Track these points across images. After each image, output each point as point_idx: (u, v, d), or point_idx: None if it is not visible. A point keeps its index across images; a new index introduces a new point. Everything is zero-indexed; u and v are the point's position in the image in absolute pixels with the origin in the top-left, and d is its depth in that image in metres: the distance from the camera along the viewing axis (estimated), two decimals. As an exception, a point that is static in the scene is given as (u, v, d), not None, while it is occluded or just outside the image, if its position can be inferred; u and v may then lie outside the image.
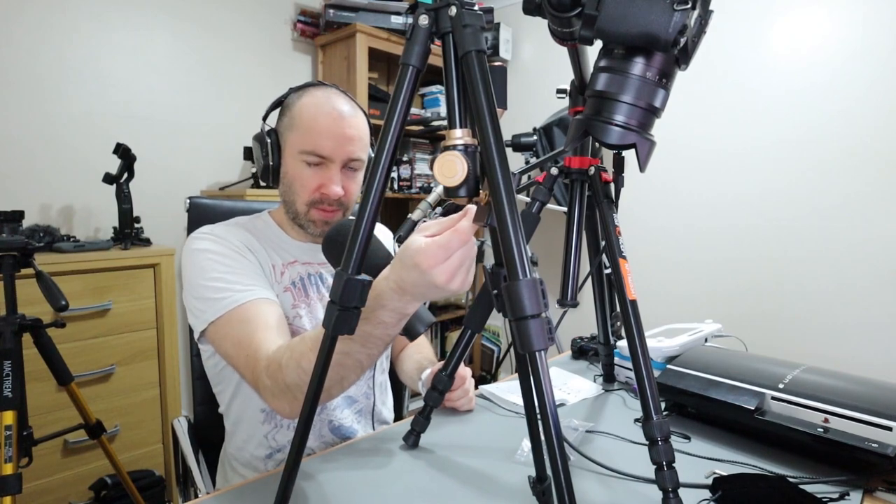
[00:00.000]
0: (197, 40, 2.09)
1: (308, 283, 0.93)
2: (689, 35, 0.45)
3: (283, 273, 0.91)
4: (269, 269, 0.90)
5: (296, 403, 0.70)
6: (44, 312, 1.21)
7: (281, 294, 0.89)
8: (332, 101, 0.88)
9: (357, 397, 0.97)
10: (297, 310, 0.89)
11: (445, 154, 0.50)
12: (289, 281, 0.91)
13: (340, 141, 0.86)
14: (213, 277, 0.82)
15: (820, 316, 1.89)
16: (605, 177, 0.78)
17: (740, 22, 2.01)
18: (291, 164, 0.89)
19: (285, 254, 0.94)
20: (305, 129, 0.87)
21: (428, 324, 0.65)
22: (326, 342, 0.53)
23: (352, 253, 0.52)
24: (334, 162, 0.87)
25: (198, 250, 0.86)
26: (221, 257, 0.85)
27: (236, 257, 0.86)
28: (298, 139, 0.87)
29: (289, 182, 0.90)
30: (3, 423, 1.07)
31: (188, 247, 0.87)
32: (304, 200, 0.89)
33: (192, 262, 0.85)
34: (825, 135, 1.85)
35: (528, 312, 0.45)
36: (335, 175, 0.87)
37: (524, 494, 0.69)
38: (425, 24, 0.51)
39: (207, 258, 0.84)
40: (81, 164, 1.82)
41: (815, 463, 0.77)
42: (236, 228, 0.92)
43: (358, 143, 0.88)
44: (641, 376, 0.66)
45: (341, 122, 0.86)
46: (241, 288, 0.81)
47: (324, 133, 0.86)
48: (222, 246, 0.86)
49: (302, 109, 0.88)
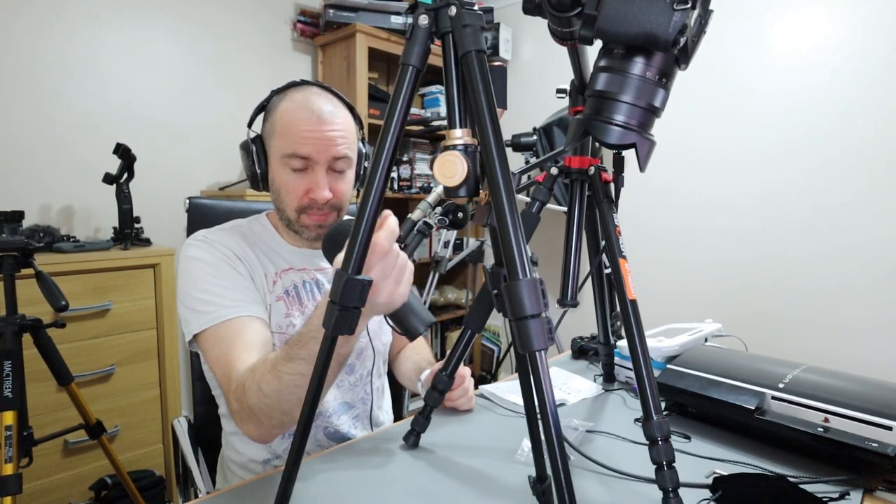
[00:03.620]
0: (197, 40, 2.09)
1: (302, 289, 0.92)
2: (689, 35, 0.45)
3: (275, 282, 0.90)
4: (261, 279, 0.89)
5: (261, 427, 0.71)
6: (44, 313, 1.21)
7: (273, 303, 0.88)
8: (311, 101, 0.85)
9: (354, 402, 0.96)
10: (290, 318, 0.88)
11: (445, 154, 0.50)
12: (281, 290, 0.90)
13: (322, 142, 0.84)
14: (201, 289, 0.82)
15: (820, 316, 1.89)
16: (605, 177, 0.78)
17: (740, 22, 2.01)
18: (277, 170, 0.87)
19: (280, 260, 0.92)
20: (285, 134, 0.85)
21: (427, 324, 0.65)
22: (326, 342, 0.53)
23: (351, 253, 0.52)
24: (319, 164, 0.85)
25: (190, 258, 0.86)
26: (211, 268, 0.84)
27: (226, 269, 0.85)
28: (280, 144, 0.85)
29: (277, 189, 0.88)
30: (3, 423, 1.07)
31: (182, 253, 0.87)
32: (294, 207, 0.87)
33: (183, 269, 0.86)
34: (825, 135, 1.85)
35: (528, 312, 0.45)
36: (321, 179, 0.85)
37: (524, 494, 0.69)
38: (425, 24, 0.51)
39: (198, 267, 0.84)
40: (81, 164, 1.82)
41: (815, 463, 0.77)
42: (231, 235, 0.90)
43: (341, 143, 0.85)
44: (641, 376, 0.66)
45: (320, 123, 0.84)
46: (227, 303, 0.81)
47: (303, 136, 0.83)
48: (214, 255, 0.85)
49: (282, 114, 0.86)
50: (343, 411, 0.94)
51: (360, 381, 0.97)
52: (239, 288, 0.84)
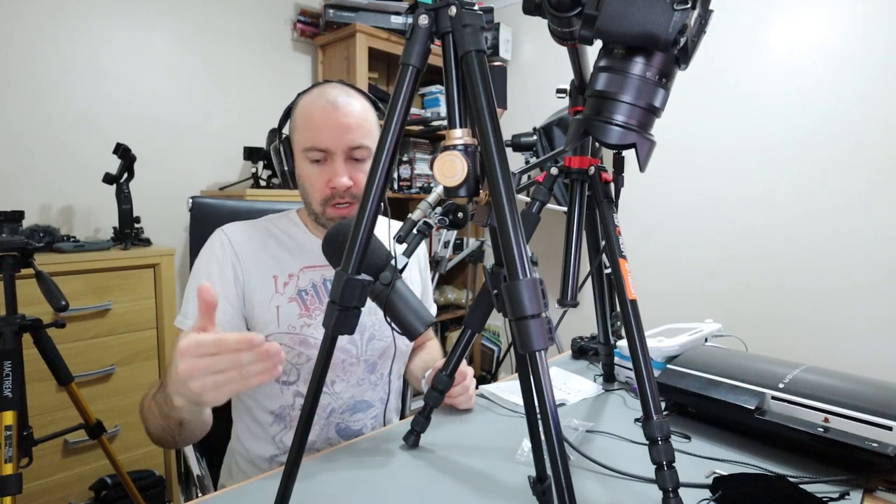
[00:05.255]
0: (197, 40, 2.09)
1: (321, 288, 0.92)
2: (689, 35, 0.45)
3: (286, 283, 0.90)
4: (264, 283, 0.88)
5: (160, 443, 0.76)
6: (44, 312, 1.21)
7: (284, 304, 0.88)
8: (326, 93, 0.87)
9: (374, 402, 0.97)
10: (303, 319, 0.89)
11: (445, 154, 0.50)
12: (294, 290, 0.89)
13: (336, 131, 0.85)
14: (194, 284, 0.87)
15: (820, 316, 1.89)
16: (605, 177, 0.78)
17: (740, 22, 2.01)
18: (300, 165, 0.89)
19: (304, 257, 0.93)
20: (303, 127, 0.87)
21: (427, 323, 0.65)
22: (326, 342, 0.54)
23: (352, 253, 0.52)
24: (336, 154, 0.86)
25: (205, 250, 0.91)
26: (210, 268, 0.88)
27: (217, 275, 0.87)
28: (300, 138, 0.88)
29: (302, 184, 0.90)
30: (3, 423, 1.06)
31: (208, 240, 0.92)
32: (318, 200, 0.88)
33: (198, 257, 0.91)
34: (825, 134, 1.85)
35: (528, 312, 0.45)
36: (339, 167, 0.86)
37: (524, 494, 0.69)
38: (425, 24, 0.51)
39: (203, 262, 0.89)
40: (81, 164, 1.82)
41: (815, 462, 0.77)
42: (252, 231, 0.93)
43: (357, 131, 0.86)
44: (641, 376, 0.66)
45: (334, 111, 0.85)
46: (192, 315, 0.84)
47: (319, 126, 0.85)
48: (222, 254, 0.89)
49: (300, 109, 0.89)
50: (361, 409, 0.95)
51: (381, 381, 0.97)
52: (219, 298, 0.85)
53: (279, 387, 0.89)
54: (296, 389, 0.89)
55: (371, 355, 0.94)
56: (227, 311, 0.85)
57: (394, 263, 0.65)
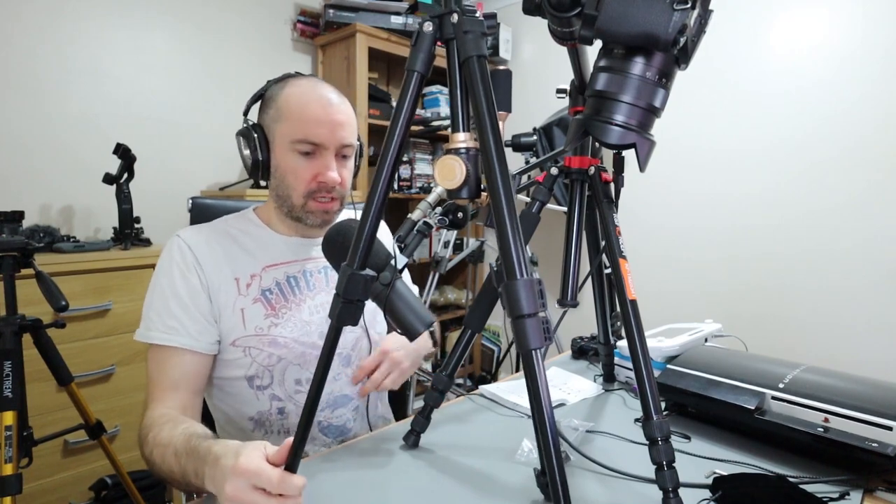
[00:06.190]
0: (197, 40, 2.09)
1: (286, 286, 0.91)
2: (689, 35, 0.45)
3: (248, 285, 0.88)
4: (227, 286, 0.86)
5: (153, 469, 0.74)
6: (44, 313, 1.21)
7: (249, 306, 0.87)
8: (319, 89, 0.87)
9: (353, 395, 0.96)
10: (270, 318, 0.87)
11: (445, 157, 0.51)
12: (258, 291, 0.88)
13: (332, 127, 0.85)
14: (156, 295, 0.84)
15: (820, 316, 1.89)
16: (605, 177, 0.78)
17: (740, 22, 2.01)
18: (283, 156, 0.87)
19: (264, 255, 0.91)
20: (296, 119, 0.85)
21: (427, 323, 0.65)
22: (332, 332, 0.55)
23: (357, 248, 0.53)
24: (328, 149, 0.86)
25: (163, 257, 0.87)
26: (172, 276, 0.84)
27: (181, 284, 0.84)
28: (289, 129, 0.85)
29: (281, 175, 0.88)
30: (3, 423, 1.06)
31: (164, 247, 0.88)
32: (301, 192, 0.87)
33: (157, 266, 0.87)
34: (825, 135, 1.85)
35: (525, 311, 0.45)
36: (330, 162, 0.86)
37: (524, 494, 0.69)
38: (430, 31, 0.53)
39: (163, 271, 0.86)
40: (81, 164, 1.82)
41: (815, 463, 0.77)
42: (210, 234, 0.90)
43: (348, 129, 0.87)
44: (641, 376, 0.66)
45: (330, 108, 0.85)
46: (163, 328, 0.81)
47: (315, 120, 0.85)
48: (182, 260, 0.85)
49: (289, 99, 0.86)
50: (341, 404, 0.94)
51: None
52: (186, 306, 0.83)
53: (253, 392, 0.87)
54: (271, 393, 0.88)
55: (343, 348, 0.93)
56: (199, 319, 0.83)
57: (394, 263, 0.65)
